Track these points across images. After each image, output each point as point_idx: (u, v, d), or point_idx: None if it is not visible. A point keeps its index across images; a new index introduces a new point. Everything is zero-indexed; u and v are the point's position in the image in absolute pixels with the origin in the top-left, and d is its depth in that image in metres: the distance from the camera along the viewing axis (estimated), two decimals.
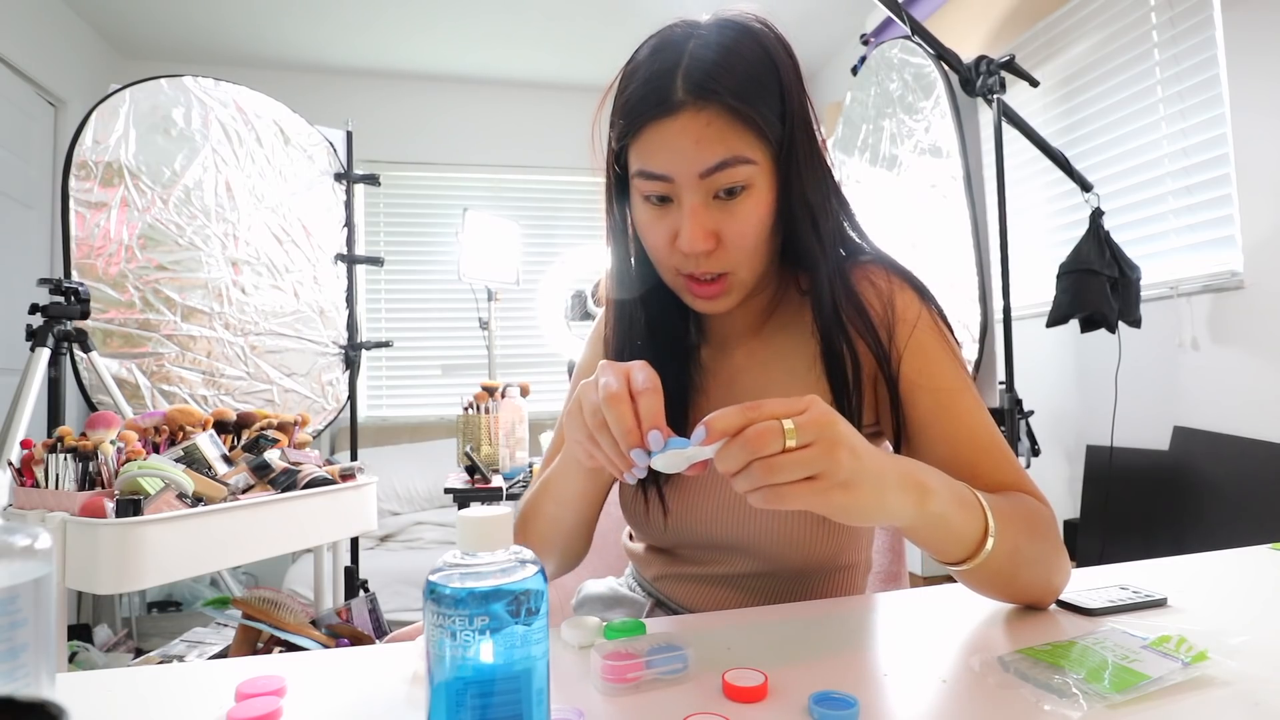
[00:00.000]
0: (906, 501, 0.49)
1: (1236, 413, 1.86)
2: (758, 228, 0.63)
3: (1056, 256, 2.04)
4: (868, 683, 0.48)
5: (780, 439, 0.44)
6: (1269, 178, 1.80)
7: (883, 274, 0.70)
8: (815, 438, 0.44)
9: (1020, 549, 0.56)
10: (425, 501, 3.18)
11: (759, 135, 0.61)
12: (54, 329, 1.74)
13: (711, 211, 0.62)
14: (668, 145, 0.60)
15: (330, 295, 2.38)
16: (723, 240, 0.62)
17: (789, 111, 0.62)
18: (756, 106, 0.60)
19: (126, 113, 1.99)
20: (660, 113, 0.60)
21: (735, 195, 0.61)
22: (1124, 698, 0.43)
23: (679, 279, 0.66)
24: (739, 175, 0.61)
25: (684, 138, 0.60)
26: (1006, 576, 0.58)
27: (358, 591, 2.11)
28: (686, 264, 0.64)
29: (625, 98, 0.63)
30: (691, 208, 0.61)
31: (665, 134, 0.60)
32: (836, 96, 2.97)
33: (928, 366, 0.66)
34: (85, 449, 1.16)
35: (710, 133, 0.59)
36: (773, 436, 0.44)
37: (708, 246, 0.62)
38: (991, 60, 1.82)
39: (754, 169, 0.61)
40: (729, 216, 0.62)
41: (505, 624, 0.34)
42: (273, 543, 1.28)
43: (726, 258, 0.63)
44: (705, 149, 0.59)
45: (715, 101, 0.59)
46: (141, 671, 0.53)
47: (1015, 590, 0.60)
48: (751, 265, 0.65)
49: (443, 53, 3.49)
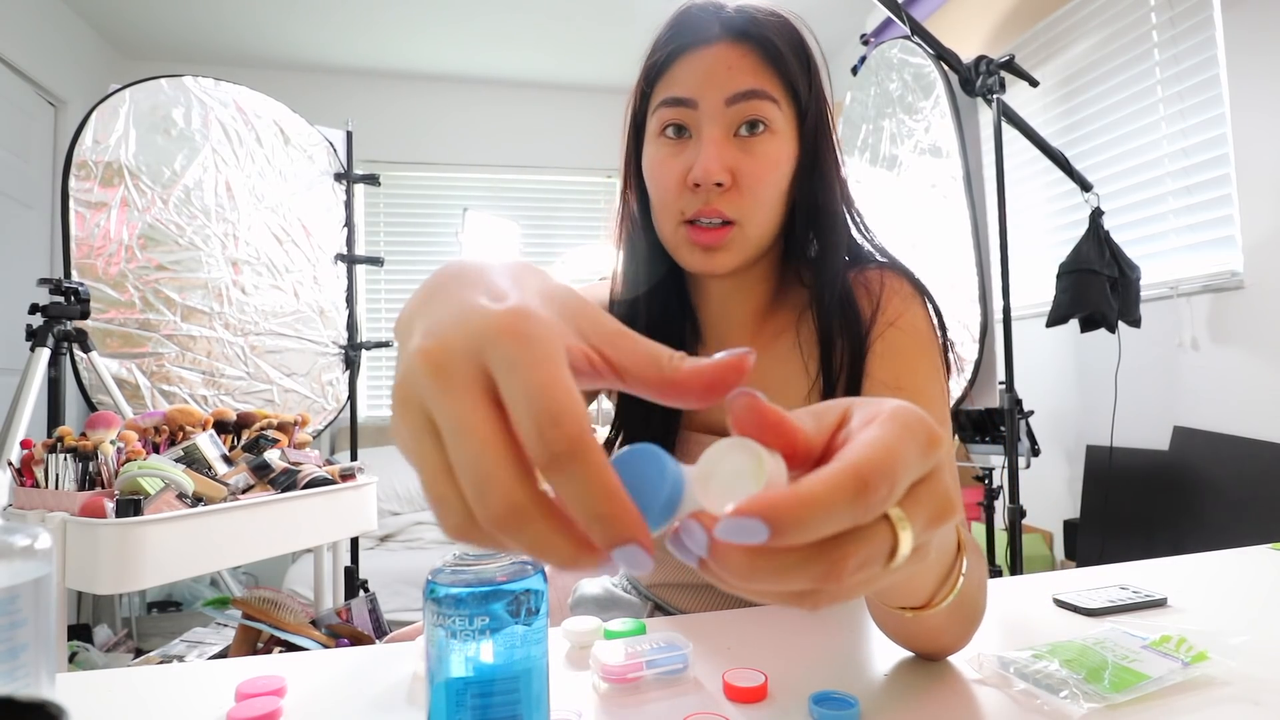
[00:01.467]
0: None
1: (1236, 413, 1.86)
2: (774, 176, 0.62)
3: (1056, 256, 2.04)
4: (868, 683, 0.48)
5: (886, 544, 0.23)
6: (1269, 178, 1.80)
7: (878, 277, 0.67)
8: (928, 519, 0.24)
9: (968, 597, 0.45)
10: (425, 502, 3.18)
11: (787, 88, 0.62)
12: (54, 329, 1.74)
13: (731, 148, 0.62)
14: (698, 70, 0.62)
15: (330, 295, 2.38)
16: (738, 180, 0.61)
17: (816, 92, 0.64)
18: (789, 60, 0.62)
19: (126, 113, 1.99)
20: (696, 42, 0.62)
21: (756, 133, 0.62)
22: (1124, 698, 0.43)
23: (680, 230, 0.63)
24: (764, 110, 0.61)
25: (717, 63, 0.61)
26: (948, 622, 0.46)
27: (358, 591, 2.11)
28: (694, 202, 0.62)
29: (661, 36, 0.65)
30: (711, 137, 0.61)
31: (697, 61, 0.62)
32: (837, 96, 2.97)
33: (891, 364, 0.63)
34: (85, 449, 1.16)
35: (745, 64, 0.61)
36: (880, 544, 0.23)
37: (723, 179, 0.60)
38: (991, 60, 1.82)
39: (778, 112, 0.62)
40: (747, 155, 0.62)
41: (505, 624, 0.34)
42: (273, 543, 1.28)
43: (739, 201, 0.62)
44: (737, 75, 0.61)
45: (752, 39, 0.61)
46: (141, 671, 0.53)
47: (947, 643, 0.49)
48: (760, 220, 0.63)
49: (443, 53, 3.49)
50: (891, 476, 0.22)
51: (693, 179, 0.61)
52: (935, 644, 0.50)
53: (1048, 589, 0.66)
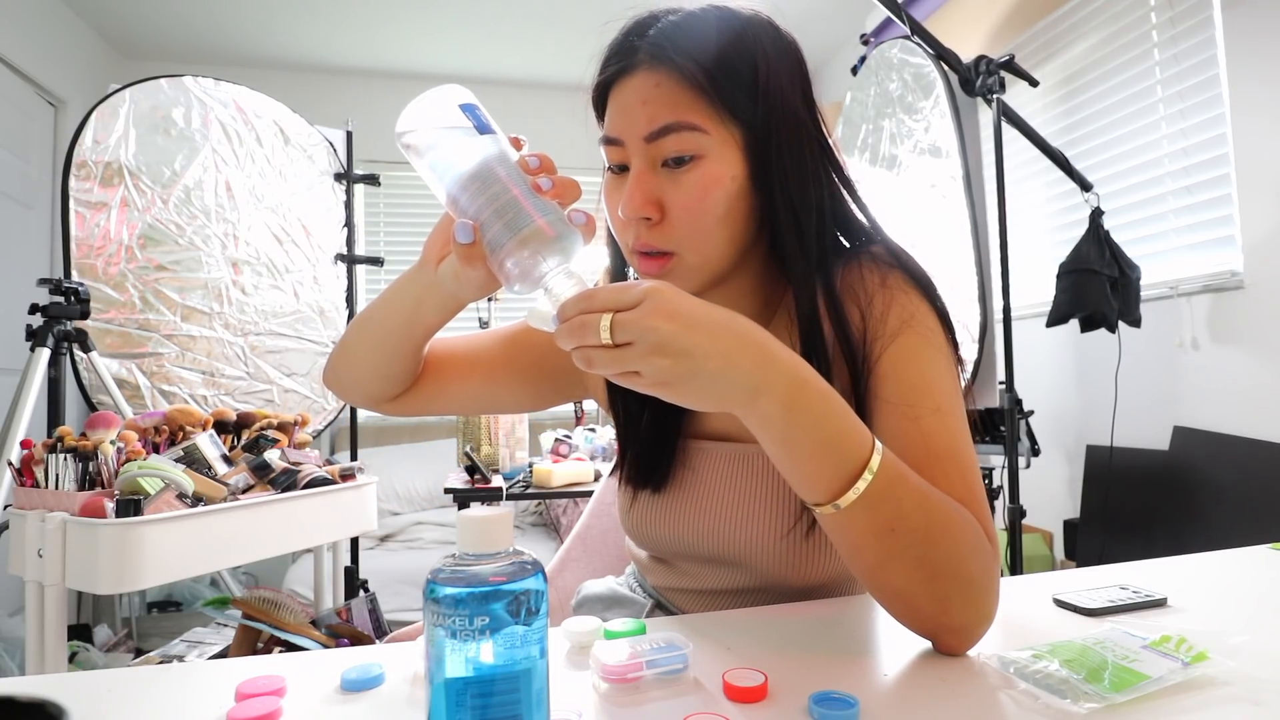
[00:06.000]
0: (755, 406, 0.47)
1: (1236, 413, 1.86)
2: (707, 203, 0.58)
3: (1056, 256, 2.04)
4: (868, 683, 0.48)
5: (597, 334, 0.43)
6: (1269, 178, 1.80)
7: (876, 273, 0.63)
8: (635, 338, 0.43)
9: (906, 528, 0.49)
10: (425, 501, 3.18)
11: (716, 108, 0.58)
12: (54, 329, 1.74)
13: (657, 179, 0.59)
14: (620, 106, 0.60)
15: (330, 295, 2.38)
16: (667, 212, 0.59)
17: (768, 99, 0.59)
18: (715, 78, 0.57)
19: (126, 113, 1.99)
20: (619, 71, 0.60)
21: (684, 165, 0.58)
22: (1124, 698, 0.43)
23: (633, 258, 0.63)
24: (686, 143, 0.58)
25: (634, 98, 0.59)
26: (875, 551, 0.50)
27: (358, 591, 2.11)
28: (631, 236, 0.61)
29: (599, 58, 0.63)
30: (635, 172, 0.59)
31: (621, 95, 0.60)
32: (836, 96, 2.97)
33: (900, 369, 0.59)
34: (85, 449, 1.16)
35: (658, 94, 0.58)
36: (589, 331, 0.44)
37: (647, 214, 0.59)
38: (991, 60, 1.82)
39: (706, 140, 0.58)
40: (674, 186, 0.59)
41: (505, 624, 0.34)
42: (273, 543, 1.28)
43: (671, 233, 0.59)
44: (651, 110, 0.58)
45: (668, 63, 0.58)
46: (141, 671, 0.53)
47: (886, 579, 0.51)
48: (699, 248, 0.60)
49: (443, 53, 3.49)
50: (600, 294, 0.45)
51: (621, 215, 0.60)
52: (884, 579, 0.51)
53: (1048, 589, 0.66)
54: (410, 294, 0.63)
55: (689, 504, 0.69)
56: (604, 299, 0.44)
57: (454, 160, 0.51)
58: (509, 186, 0.48)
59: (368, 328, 0.69)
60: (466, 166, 0.50)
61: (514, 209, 0.48)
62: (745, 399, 0.46)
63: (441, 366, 0.76)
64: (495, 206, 0.48)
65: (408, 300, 0.64)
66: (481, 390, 0.78)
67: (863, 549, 0.51)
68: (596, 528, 1.02)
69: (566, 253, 0.48)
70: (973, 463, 0.57)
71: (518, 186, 0.49)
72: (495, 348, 0.78)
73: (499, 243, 0.48)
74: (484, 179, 0.49)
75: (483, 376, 0.77)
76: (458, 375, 0.76)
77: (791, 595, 0.67)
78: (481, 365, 0.77)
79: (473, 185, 0.49)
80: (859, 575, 0.54)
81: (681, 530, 0.69)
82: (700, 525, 0.68)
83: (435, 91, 0.53)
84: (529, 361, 0.78)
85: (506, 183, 0.49)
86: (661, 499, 0.71)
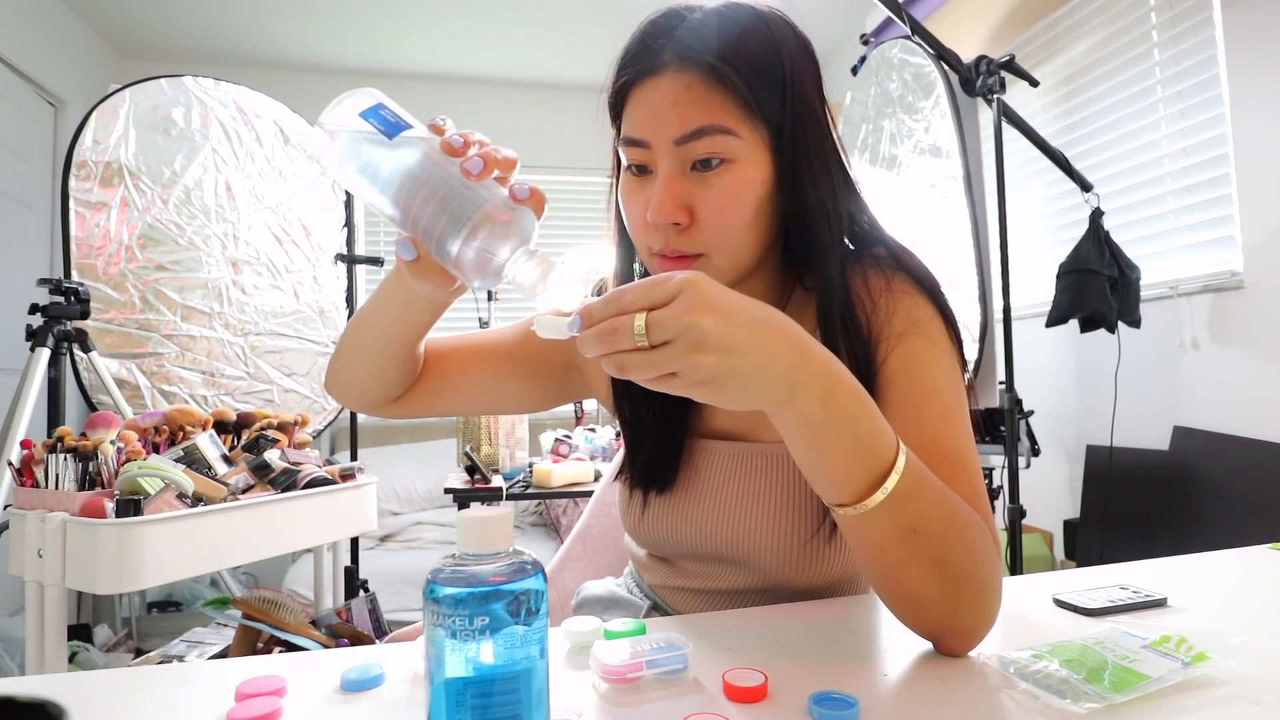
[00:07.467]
0: (792, 403, 0.44)
1: (1236, 413, 1.86)
2: (737, 206, 0.58)
3: (1056, 256, 2.04)
4: (868, 683, 0.48)
5: (631, 337, 0.40)
6: (1269, 178, 1.80)
7: (881, 276, 0.63)
8: (675, 335, 0.40)
9: (927, 529, 0.49)
10: (425, 501, 3.18)
11: (747, 110, 0.57)
12: (54, 329, 1.74)
13: (686, 183, 0.58)
14: (647, 107, 0.58)
15: (330, 295, 2.38)
16: (697, 216, 0.58)
17: (794, 99, 0.59)
18: (747, 79, 0.56)
19: (126, 113, 1.99)
20: (643, 71, 0.58)
21: (713, 168, 0.57)
22: (1124, 698, 0.43)
23: (654, 260, 0.61)
24: (717, 146, 0.57)
25: (663, 100, 0.57)
26: (896, 552, 0.49)
27: (358, 591, 2.11)
28: (658, 240, 0.59)
29: (618, 61, 0.61)
30: (664, 176, 0.58)
31: (647, 96, 0.58)
32: (836, 96, 2.97)
33: (906, 372, 0.60)
34: (85, 449, 1.16)
35: (689, 96, 0.56)
36: (622, 335, 0.40)
37: (677, 219, 0.57)
38: (991, 60, 1.82)
39: (737, 143, 0.57)
40: (704, 189, 0.58)
41: (505, 624, 0.34)
42: (273, 543, 1.28)
43: (700, 237, 0.58)
44: (682, 113, 0.56)
45: (699, 64, 0.56)
46: (141, 671, 0.53)
47: (902, 581, 0.51)
48: (729, 252, 0.60)
49: (443, 53, 3.49)
50: (630, 293, 0.41)
51: (649, 220, 0.58)
52: (900, 581, 0.50)
53: (1048, 589, 0.66)
54: (396, 298, 0.63)
55: (696, 504, 0.69)
56: (634, 297, 0.41)
57: (375, 176, 0.47)
58: (437, 185, 0.45)
59: (361, 334, 0.69)
60: (389, 180, 0.46)
61: (449, 207, 0.44)
62: (783, 395, 0.44)
63: (442, 360, 0.76)
64: (430, 210, 0.45)
65: (395, 304, 0.64)
66: (483, 384, 0.77)
67: (884, 550, 0.49)
68: (596, 528, 1.02)
69: (521, 234, 0.45)
70: (977, 465, 0.57)
71: (446, 183, 0.45)
72: (498, 341, 0.78)
73: (445, 246, 0.45)
74: (409, 187, 0.45)
75: (485, 369, 0.77)
76: (459, 368, 0.76)
77: (792, 596, 0.67)
78: (484, 358, 0.77)
79: (402, 197, 0.46)
80: (873, 577, 0.53)
81: (688, 530, 0.69)
82: (707, 525, 0.68)
83: (331, 110, 0.49)
84: (532, 356, 0.77)
85: (434, 182, 0.45)
86: (668, 499, 0.70)
